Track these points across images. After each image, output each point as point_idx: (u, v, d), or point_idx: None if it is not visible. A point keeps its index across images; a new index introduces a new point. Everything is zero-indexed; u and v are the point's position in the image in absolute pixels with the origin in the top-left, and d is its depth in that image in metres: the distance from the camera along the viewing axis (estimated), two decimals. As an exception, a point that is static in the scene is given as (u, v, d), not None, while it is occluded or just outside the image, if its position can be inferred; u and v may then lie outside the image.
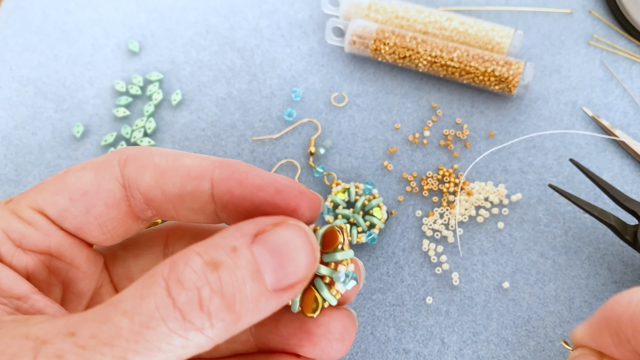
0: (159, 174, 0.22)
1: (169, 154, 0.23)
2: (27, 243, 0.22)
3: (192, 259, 0.18)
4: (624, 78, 0.45)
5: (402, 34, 0.44)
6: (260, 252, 0.19)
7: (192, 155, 0.23)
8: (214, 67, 0.47)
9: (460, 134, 0.43)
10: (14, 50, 0.48)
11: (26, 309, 0.20)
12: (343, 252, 0.21)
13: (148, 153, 0.23)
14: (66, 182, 0.22)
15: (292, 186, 0.22)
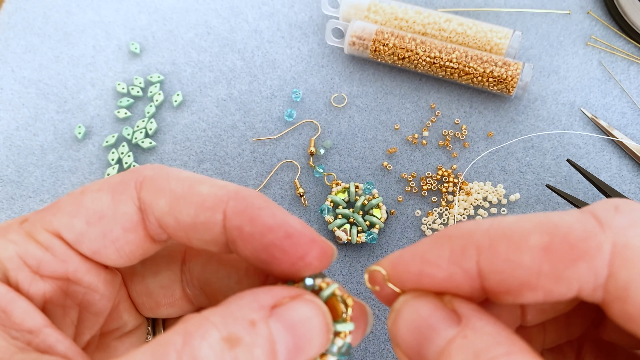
0: (173, 200, 0.22)
1: (186, 179, 0.22)
2: (45, 269, 0.21)
3: (210, 333, 0.17)
4: (622, 79, 0.45)
5: (401, 35, 0.44)
6: (278, 329, 0.19)
7: (209, 182, 0.22)
8: (214, 69, 0.47)
9: (459, 134, 0.44)
10: (16, 51, 0.48)
11: (37, 344, 0.19)
12: (344, 324, 0.21)
13: (165, 176, 0.22)
14: (83, 204, 0.22)
15: (303, 232, 0.21)
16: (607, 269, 0.16)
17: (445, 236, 0.19)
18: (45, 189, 0.43)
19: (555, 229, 0.17)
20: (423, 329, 0.19)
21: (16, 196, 0.43)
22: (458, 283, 0.19)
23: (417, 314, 0.20)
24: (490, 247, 0.18)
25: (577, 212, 0.17)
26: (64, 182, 0.44)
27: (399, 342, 0.20)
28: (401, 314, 0.20)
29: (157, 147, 0.45)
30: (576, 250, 0.17)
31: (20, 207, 0.43)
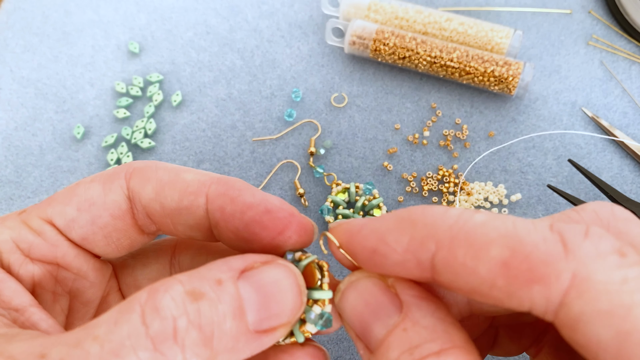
0: (159, 187, 0.22)
1: (172, 169, 0.23)
2: (35, 253, 0.22)
3: (173, 287, 0.17)
4: (623, 78, 0.45)
5: (401, 35, 0.44)
6: (246, 288, 0.19)
7: (193, 171, 0.23)
8: (214, 68, 0.47)
9: (460, 134, 0.44)
10: (14, 51, 0.48)
11: (22, 322, 0.20)
12: (321, 291, 0.21)
13: (153, 167, 0.23)
14: (75, 193, 0.23)
15: (282, 207, 0.22)
16: (560, 298, 0.16)
17: (408, 220, 0.19)
18: (44, 189, 0.43)
19: (519, 245, 0.16)
20: (366, 313, 0.19)
21: (15, 196, 0.43)
22: (409, 270, 0.19)
23: (360, 297, 0.20)
24: (449, 246, 0.17)
25: (546, 230, 0.17)
26: (62, 182, 0.43)
27: (345, 321, 0.20)
28: (345, 295, 0.20)
29: (157, 147, 0.44)
30: (534, 273, 0.16)
31: (19, 208, 0.43)
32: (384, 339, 0.19)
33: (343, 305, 0.20)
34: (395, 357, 0.18)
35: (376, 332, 0.19)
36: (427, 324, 0.18)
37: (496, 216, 0.17)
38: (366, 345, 0.19)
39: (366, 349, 0.20)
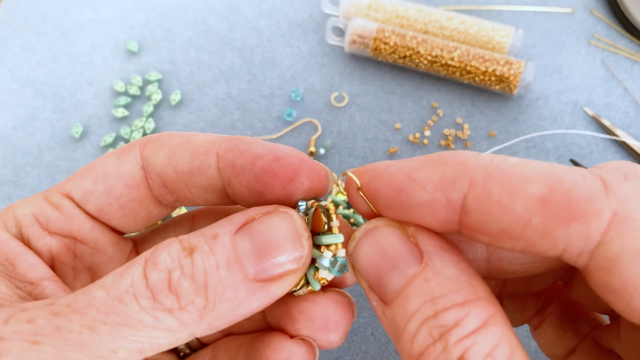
0: (171, 151, 0.23)
1: (184, 134, 0.23)
2: (53, 226, 0.22)
3: (172, 244, 0.18)
4: (625, 78, 0.45)
5: (402, 34, 0.44)
6: (242, 239, 0.19)
7: (204, 135, 0.23)
8: (213, 67, 0.47)
9: (461, 134, 0.43)
10: (13, 50, 0.48)
11: (36, 295, 0.21)
12: (329, 235, 0.20)
13: (166, 135, 0.23)
14: (93, 167, 0.23)
15: (291, 154, 0.21)
16: (599, 237, 0.15)
17: (440, 160, 0.18)
18: (42, 188, 0.43)
19: (559, 182, 0.16)
20: (383, 263, 0.19)
21: (13, 196, 0.43)
22: (435, 212, 0.18)
23: (378, 245, 0.19)
24: (484, 184, 0.17)
25: (585, 171, 0.16)
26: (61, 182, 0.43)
27: (359, 271, 0.20)
28: (361, 243, 0.20)
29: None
30: (574, 209, 0.16)
31: (17, 208, 0.43)
32: (402, 289, 0.18)
33: (358, 253, 0.20)
34: (415, 307, 0.17)
35: (394, 282, 0.18)
36: (449, 274, 0.18)
37: (530, 160, 0.17)
38: (380, 297, 0.19)
39: (380, 301, 0.19)
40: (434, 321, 0.17)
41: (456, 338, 0.16)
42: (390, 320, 0.18)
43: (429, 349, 0.17)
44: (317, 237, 0.21)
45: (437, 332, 0.17)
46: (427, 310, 0.17)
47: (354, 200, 0.20)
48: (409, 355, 0.17)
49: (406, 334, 0.17)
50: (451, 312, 0.17)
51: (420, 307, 0.17)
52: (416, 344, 0.17)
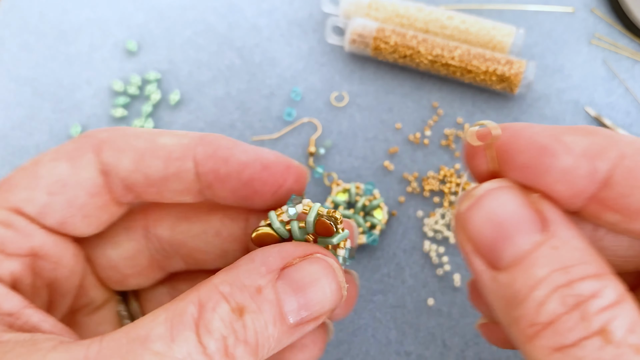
0: (138, 157, 0.21)
1: (146, 134, 0.22)
2: (9, 247, 0.20)
3: (220, 306, 0.18)
4: (626, 77, 0.45)
5: (402, 33, 0.43)
6: (285, 291, 0.19)
7: (170, 133, 0.22)
8: (212, 67, 0.47)
9: (462, 134, 0.43)
10: (11, 50, 0.48)
11: (20, 326, 0.19)
12: (337, 235, 0.21)
13: (122, 135, 0.22)
14: (40, 175, 0.21)
15: (279, 161, 0.21)
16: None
17: (586, 129, 0.18)
18: (41, 189, 0.43)
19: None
20: (505, 226, 0.18)
21: (11, 197, 0.43)
22: (574, 179, 0.17)
23: (501, 207, 0.18)
24: (634, 156, 0.17)
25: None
26: (59, 182, 0.43)
27: (470, 232, 0.18)
28: (483, 201, 0.18)
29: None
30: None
31: (15, 208, 0.42)
32: (525, 255, 0.17)
33: (474, 212, 0.18)
34: (543, 274, 0.16)
35: (514, 247, 0.17)
36: (578, 245, 0.17)
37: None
38: (491, 262, 0.18)
39: (489, 266, 0.18)
40: (567, 289, 0.16)
41: (596, 309, 0.16)
42: (507, 287, 0.17)
43: (563, 317, 0.16)
44: (324, 240, 0.21)
45: (572, 300, 0.16)
46: (559, 278, 0.16)
47: (473, 155, 0.19)
48: (532, 322, 0.16)
49: (531, 300, 0.16)
50: (587, 283, 0.16)
51: (550, 275, 0.16)
52: (545, 311, 0.16)
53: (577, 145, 0.17)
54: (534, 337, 0.16)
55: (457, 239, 0.19)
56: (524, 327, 0.17)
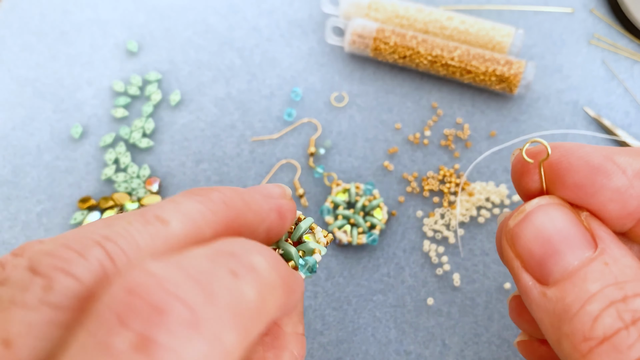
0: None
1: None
2: None
3: None
4: (625, 77, 0.45)
5: (402, 33, 0.44)
6: None
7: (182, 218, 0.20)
8: (213, 67, 0.47)
9: (461, 134, 0.43)
10: (12, 50, 0.48)
11: None
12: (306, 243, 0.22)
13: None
14: None
15: (290, 207, 0.22)
16: None
17: (637, 151, 0.18)
18: (42, 189, 0.43)
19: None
20: (555, 241, 0.18)
21: (12, 196, 0.43)
22: (626, 200, 0.18)
23: (551, 222, 0.18)
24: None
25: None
26: (60, 182, 0.43)
27: (519, 247, 0.18)
28: (533, 217, 0.18)
29: (155, 147, 0.44)
30: None
31: (17, 208, 0.42)
32: (576, 270, 0.17)
33: (524, 228, 0.18)
34: (596, 289, 0.16)
35: (564, 262, 0.17)
36: (629, 263, 0.17)
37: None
38: (540, 277, 0.18)
39: (537, 281, 0.18)
40: (623, 305, 0.16)
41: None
42: (557, 301, 0.17)
43: (621, 333, 0.16)
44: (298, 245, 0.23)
45: (630, 316, 0.16)
46: (613, 293, 0.16)
47: (523, 173, 0.19)
48: (586, 337, 0.16)
49: (585, 314, 0.16)
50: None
51: (603, 289, 0.16)
52: (601, 326, 0.16)
53: (630, 166, 0.18)
54: (588, 353, 0.16)
55: (504, 255, 0.19)
56: (578, 343, 0.16)
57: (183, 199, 0.18)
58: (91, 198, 0.42)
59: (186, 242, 0.17)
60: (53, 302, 0.15)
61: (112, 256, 0.15)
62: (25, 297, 0.15)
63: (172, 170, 0.43)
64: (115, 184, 0.42)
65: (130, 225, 0.16)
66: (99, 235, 0.16)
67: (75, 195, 0.43)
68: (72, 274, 0.15)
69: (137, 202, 0.42)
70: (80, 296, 0.15)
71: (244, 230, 0.19)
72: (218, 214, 0.17)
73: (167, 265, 0.14)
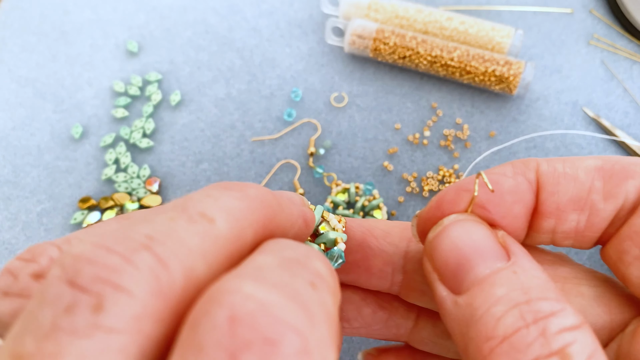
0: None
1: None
2: None
3: None
4: (625, 78, 0.45)
5: (402, 34, 0.44)
6: None
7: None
8: (213, 67, 0.47)
9: (461, 134, 0.43)
10: (13, 50, 0.48)
11: None
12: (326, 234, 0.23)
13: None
14: None
15: (311, 215, 0.22)
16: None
17: (504, 164, 0.21)
18: (42, 189, 0.43)
19: (608, 158, 0.20)
20: (469, 253, 0.18)
21: (12, 196, 0.43)
22: (522, 195, 0.20)
23: (467, 235, 0.19)
24: (548, 161, 0.20)
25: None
26: (60, 182, 0.43)
27: (435, 258, 0.19)
28: (449, 230, 0.19)
29: (155, 147, 0.44)
30: (627, 171, 0.19)
31: (17, 208, 0.42)
32: (486, 278, 0.18)
33: (442, 239, 0.19)
34: (502, 293, 0.17)
35: (477, 270, 0.18)
36: (538, 275, 0.18)
37: None
38: (453, 287, 0.18)
39: (450, 292, 0.18)
40: (527, 306, 0.16)
41: (557, 328, 0.16)
42: (465, 307, 0.17)
43: (521, 331, 0.16)
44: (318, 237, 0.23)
45: (531, 316, 0.16)
46: (518, 296, 0.17)
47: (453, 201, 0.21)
48: (488, 337, 0.16)
49: (489, 315, 0.16)
50: (546, 303, 0.16)
51: (509, 293, 0.17)
52: (502, 325, 0.16)
53: (506, 170, 0.20)
54: (490, 353, 0.16)
55: (424, 268, 0.20)
56: (481, 344, 0.16)
57: (219, 193, 0.16)
58: (91, 198, 0.42)
59: (232, 244, 0.15)
60: (109, 327, 0.12)
61: (165, 262, 0.13)
62: (74, 321, 0.12)
63: (172, 171, 0.43)
64: (116, 184, 0.43)
65: (174, 223, 0.14)
66: (142, 235, 0.13)
67: (75, 195, 0.43)
68: (125, 288, 0.12)
69: (137, 202, 0.42)
70: (138, 315, 0.12)
71: (278, 233, 0.18)
72: (256, 212, 0.16)
73: (261, 286, 0.13)
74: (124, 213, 0.38)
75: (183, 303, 0.13)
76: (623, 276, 0.20)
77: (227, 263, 0.15)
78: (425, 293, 0.23)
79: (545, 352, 0.15)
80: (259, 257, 0.15)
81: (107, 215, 0.41)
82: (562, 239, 0.21)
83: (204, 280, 0.14)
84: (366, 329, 0.26)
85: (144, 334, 0.12)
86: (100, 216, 0.41)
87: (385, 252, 0.23)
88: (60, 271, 0.13)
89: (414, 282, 0.23)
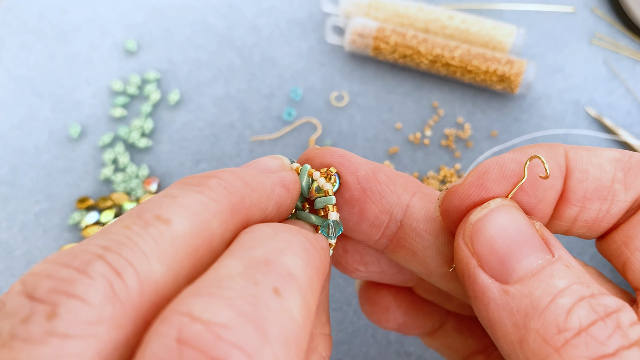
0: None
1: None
2: None
3: None
4: (627, 77, 0.45)
5: (402, 33, 0.43)
6: None
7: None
8: (212, 66, 0.46)
9: (462, 134, 0.43)
10: (10, 50, 0.47)
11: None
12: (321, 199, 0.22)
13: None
14: None
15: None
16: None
17: (533, 145, 0.20)
18: (40, 189, 0.43)
19: (623, 151, 0.20)
20: (519, 240, 0.18)
21: (10, 196, 0.42)
22: (553, 180, 0.19)
23: (515, 223, 0.18)
24: (574, 148, 0.20)
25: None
26: (58, 182, 0.43)
27: (478, 242, 0.18)
28: (496, 215, 0.19)
29: (154, 147, 0.44)
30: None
31: (15, 208, 0.42)
32: (541, 268, 0.17)
33: (487, 223, 0.18)
34: (564, 285, 0.17)
35: (529, 260, 0.17)
36: (582, 270, 0.18)
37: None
38: (500, 275, 0.18)
39: (495, 280, 0.18)
40: (594, 300, 0.16)
41: (628, 321, 0.16)
42: (523, 297, 0.17)
43: (598, 323, 0.16)
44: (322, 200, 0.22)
45: (603, 310, 0.16)
46: (582, 290, 0.16)
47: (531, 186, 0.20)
48: (560, 328, 0.16)
49: (557, 307, 0.16)
50: (609, 298, 0.16)
51: (571, 286, 0.17)
52: (576, 317, 0.16)
53: (539, 152, 0.20)
54: (564, 345, 0.16)
55: (456, 249, 0.19)
56: (550, 336, 0.16)
57: (179, 191, 0.16)
58: (89, 198, 0.42)
59: (195, 241, 0.15)
60: (63, 333, 0.13)
61: (118, 270, 0.14)
62: (29, 329, 0.13)
63: (171, 170, 0.43)
64: (114, 184, 0.42)
65: (128, 230, 0.15)
66: (97, 247, 0.14)
67: (73, 195, 0.42)
68: (77, 296, 0.13)
69: (135, 202, 0.41)
70: (92, 321, 0.13)
71: (253, 212, 0.18)
72: (221, 201, 0.16)
73: (212, 304, 0.13)
74: (122, 213, 0.38)
75: (146, 308, 0.14)
76: (625, 262, 0.20)
77: (192, 260, 0.15)
78: (415, 254, 0.21)
79: (626, 343, 0.15)
80: (225, 261, 0.15)
81: (105, 215, 0.41)
82: (579, 228, 0.21)
83: (167, 282, 0.15)
84: (379, 274, 0.25)
85: (102, 339, 0.13)
86: (98, 216, 0.41)
87: (385, 199, 0.21)
88: (21, 286, 0.14)
89: (408, 239, 0.21)
